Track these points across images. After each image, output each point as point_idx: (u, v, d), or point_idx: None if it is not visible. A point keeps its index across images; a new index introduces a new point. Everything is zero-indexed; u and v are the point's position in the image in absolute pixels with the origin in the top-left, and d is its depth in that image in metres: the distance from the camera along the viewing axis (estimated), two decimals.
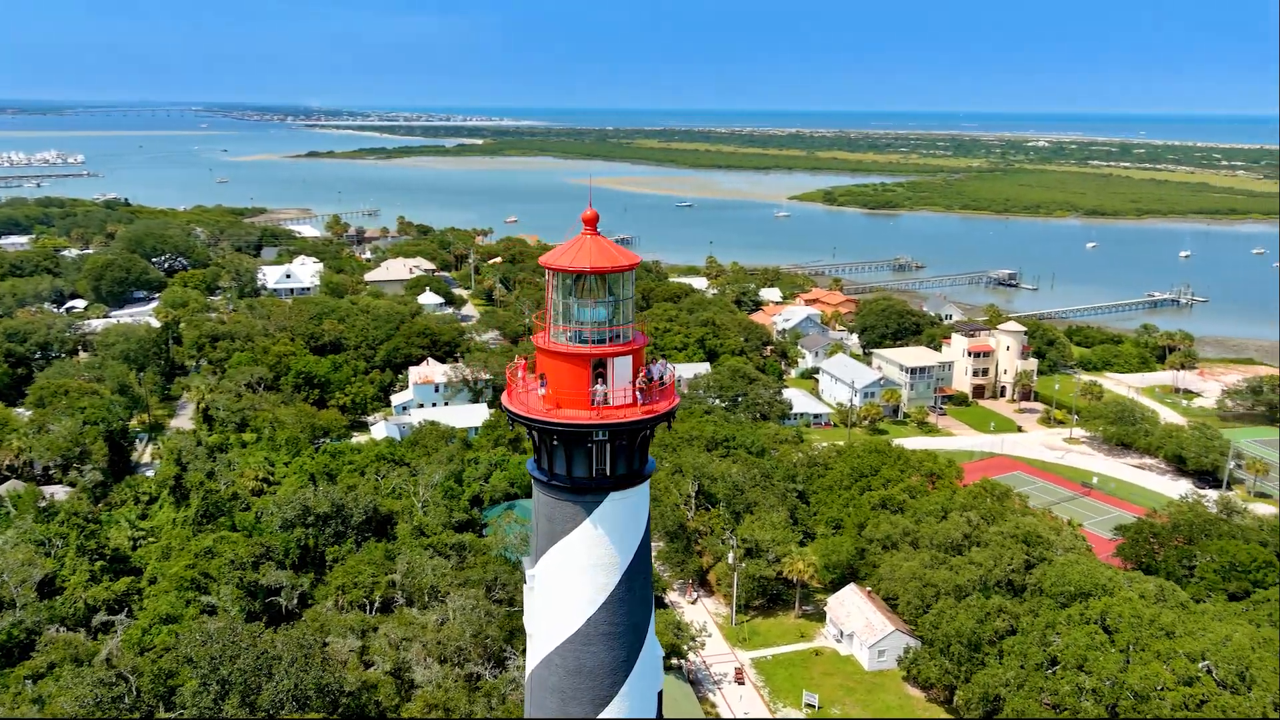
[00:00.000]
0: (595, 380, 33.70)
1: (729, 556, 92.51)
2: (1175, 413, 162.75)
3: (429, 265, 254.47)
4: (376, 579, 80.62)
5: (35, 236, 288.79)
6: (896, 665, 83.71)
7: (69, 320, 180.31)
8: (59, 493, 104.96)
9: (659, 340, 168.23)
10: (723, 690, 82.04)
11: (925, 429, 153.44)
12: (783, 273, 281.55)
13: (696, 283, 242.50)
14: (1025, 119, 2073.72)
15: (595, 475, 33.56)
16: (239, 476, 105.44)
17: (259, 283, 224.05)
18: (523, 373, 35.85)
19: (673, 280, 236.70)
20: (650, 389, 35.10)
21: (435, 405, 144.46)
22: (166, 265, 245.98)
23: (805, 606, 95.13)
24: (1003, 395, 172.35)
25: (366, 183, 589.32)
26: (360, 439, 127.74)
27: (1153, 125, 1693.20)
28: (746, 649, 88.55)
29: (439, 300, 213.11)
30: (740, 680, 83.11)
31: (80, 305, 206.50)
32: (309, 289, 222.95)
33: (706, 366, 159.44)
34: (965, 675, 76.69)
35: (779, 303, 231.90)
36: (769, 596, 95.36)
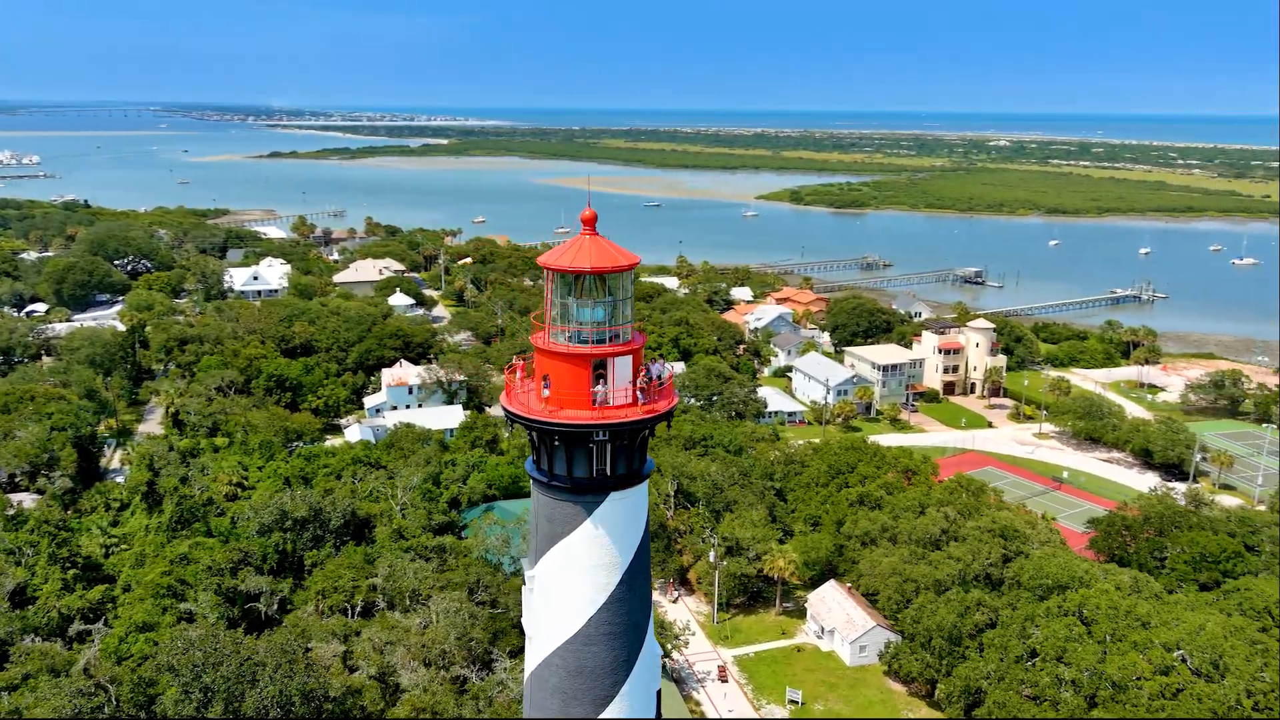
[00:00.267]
0: (596, 381, 33.71)
1: (710, 555, 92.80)
2: (1140, 407, 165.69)
3: (398, 266, 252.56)
4: (357, 583, 79.92)
5: None
6: (878, 660, 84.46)
7: (31, 324, 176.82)
8: (26, 500, 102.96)
9: None
10: (706, 689, 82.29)
11: (898, 426, 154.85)
12: (753, 272, 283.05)
13: (668, 282, 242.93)
14: (985, 119, 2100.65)
15: (596, 475, 33.46)
16: (213, 481, 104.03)
17: (226, 285, 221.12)
18: (521, 373, 35.77)
19: (644, 280, 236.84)
20: (650, 388, 35.23)
21: (409, 407, 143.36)
22: (129, 268, 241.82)
23: (786, 603, 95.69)
24: (973, 392, 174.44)
25: (331, 183, 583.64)
26: (334, 442, 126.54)
27: (1109, 125, 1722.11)
28: (729, 647, 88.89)
29: (410, 301, 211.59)
30: (724, 678, 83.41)
31: (41, 309, 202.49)
32: (277, 291, 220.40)
33: (681, 366, 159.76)
34: (946, 669, 77.58)
35: (750, 301, 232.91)
36: (750, 594, 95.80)
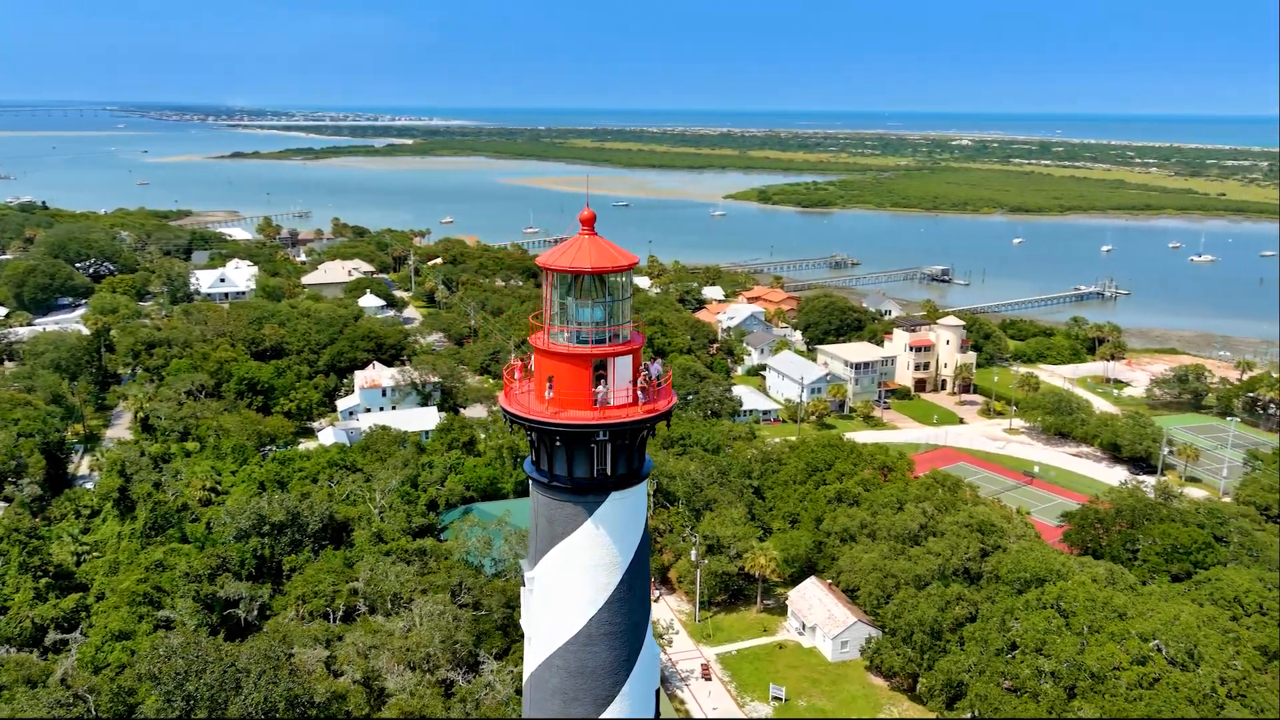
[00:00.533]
0: (596, 381, 33.72)
1: (692, 553, 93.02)
2: (1107, 402, 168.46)
3: (368, 267, 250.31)
4: (338, 587, 79.23)
5: None
6: (859, 655, 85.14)
7: None
8: None
9: None
10: (690, 687, 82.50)
11: (871, 423, 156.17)
12: (723, 271, 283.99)
13: (640, 281, 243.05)
14: (947, 118, 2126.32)
15: (597, 475, 33.49)
16: (185, 487, 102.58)
17: (192, 287, 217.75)
18: (519, 374, 35.68)
19: None
20: (651, 388, 35.33)
21: (383, 410, 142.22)
22: (92, 270, 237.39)
23: (767, 601, 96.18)
24: (944, 388, 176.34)
25: (295, 184, 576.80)
26: (308, 445, 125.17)
27: (1068, 124, 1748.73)
28: (711, 645, 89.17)
29: (380, 303, 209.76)
30: (707, 676, 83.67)
31: (1, 313, 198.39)
32: (244, 293, 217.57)
33: (658, 365, 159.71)
34: (928, 663, 78.43)
35: (722, 301, 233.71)
36: (731, 592, 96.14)
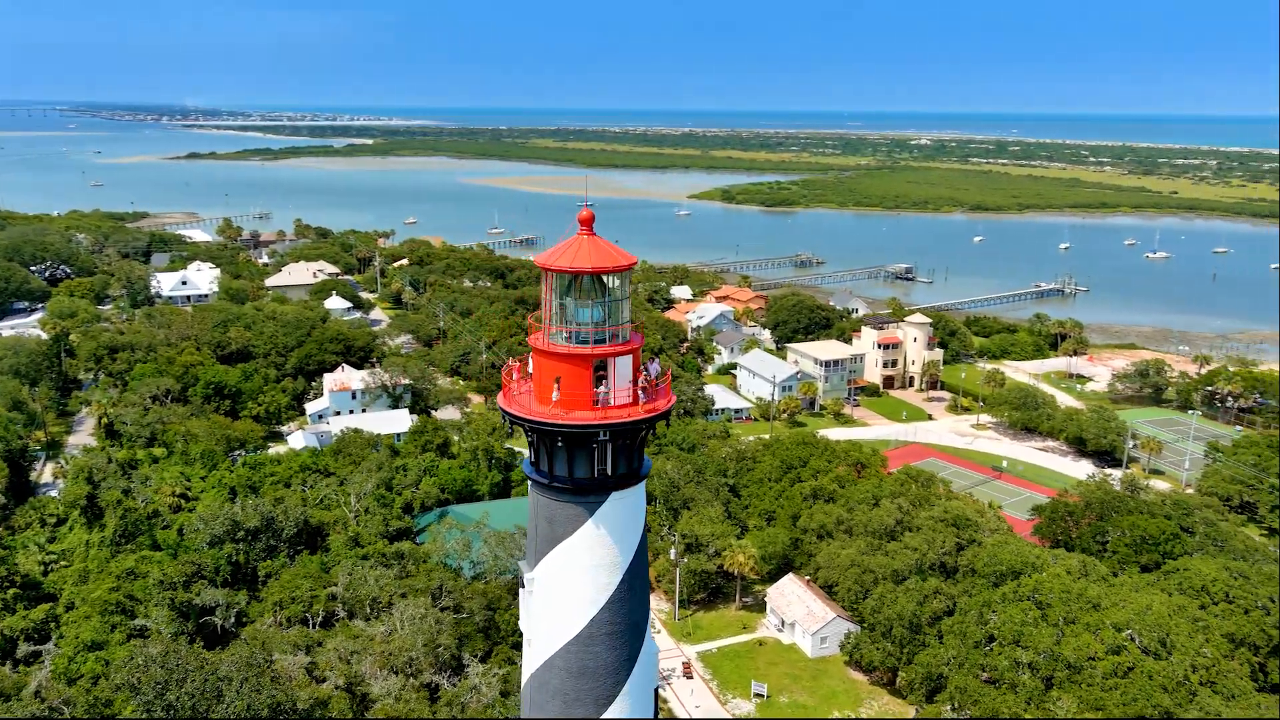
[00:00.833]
0: (597, 381, 33.71)
1: (670, 552, 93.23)
2: (1071, 397, 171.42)
3: (332, 269, 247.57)
4: (315, 592, 78.33)
5: None
6: (839, 651, 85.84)
7: None
8: None
9: None
10: (672, 685, 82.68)
11: (842, 420, 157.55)
12: (690, 271, 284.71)
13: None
14: (904, 118, 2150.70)
15: (597, 476, 33.50)
16: (155, 493, 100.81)
17: (153, 290, 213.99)
18: (518, 374, 35.58)
19: None
20: (651, 387, 35.37)
21: (354, 413, 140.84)
22: (48, 274, 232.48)
23: (745, 598, 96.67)
24: (912, 385, 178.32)
25: (254, 184, 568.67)
26: (278, 450, 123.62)
27: (1023, 124, 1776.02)
28: (691, 643, 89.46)
29: (346, 304, 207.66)
30: (689, 674, 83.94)
31: None
32: (207, 296, 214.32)
33: None
34: (907, 657, 79.30)
35: (691, 300, 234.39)
36: (710, 590, 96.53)
